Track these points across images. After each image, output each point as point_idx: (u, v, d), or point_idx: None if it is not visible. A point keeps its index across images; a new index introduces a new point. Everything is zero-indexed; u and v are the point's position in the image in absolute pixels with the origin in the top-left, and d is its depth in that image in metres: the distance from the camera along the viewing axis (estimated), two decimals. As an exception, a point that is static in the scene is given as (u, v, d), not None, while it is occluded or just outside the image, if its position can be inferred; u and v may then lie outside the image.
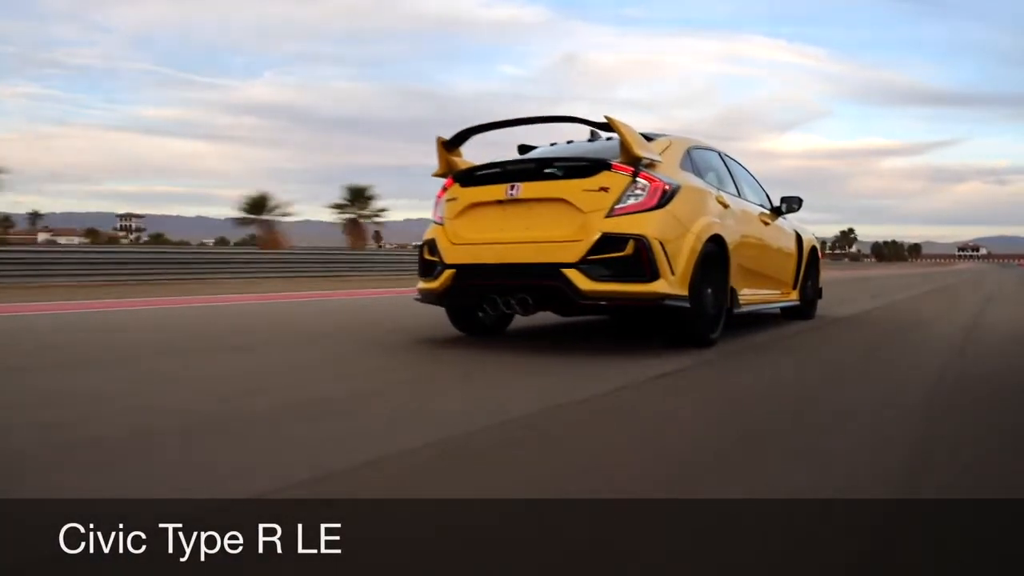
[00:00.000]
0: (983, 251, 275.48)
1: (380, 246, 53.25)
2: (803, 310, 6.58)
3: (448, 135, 4.77)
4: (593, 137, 5.18)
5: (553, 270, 4.02)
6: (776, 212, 6.12)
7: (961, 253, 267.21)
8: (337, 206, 36.67)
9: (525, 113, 5.19)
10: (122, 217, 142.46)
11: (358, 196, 37.58)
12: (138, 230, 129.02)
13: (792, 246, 6.32)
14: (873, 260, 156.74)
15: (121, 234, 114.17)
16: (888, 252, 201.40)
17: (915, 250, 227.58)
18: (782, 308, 6.26)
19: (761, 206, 5.92)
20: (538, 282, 4.09)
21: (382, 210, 38.39)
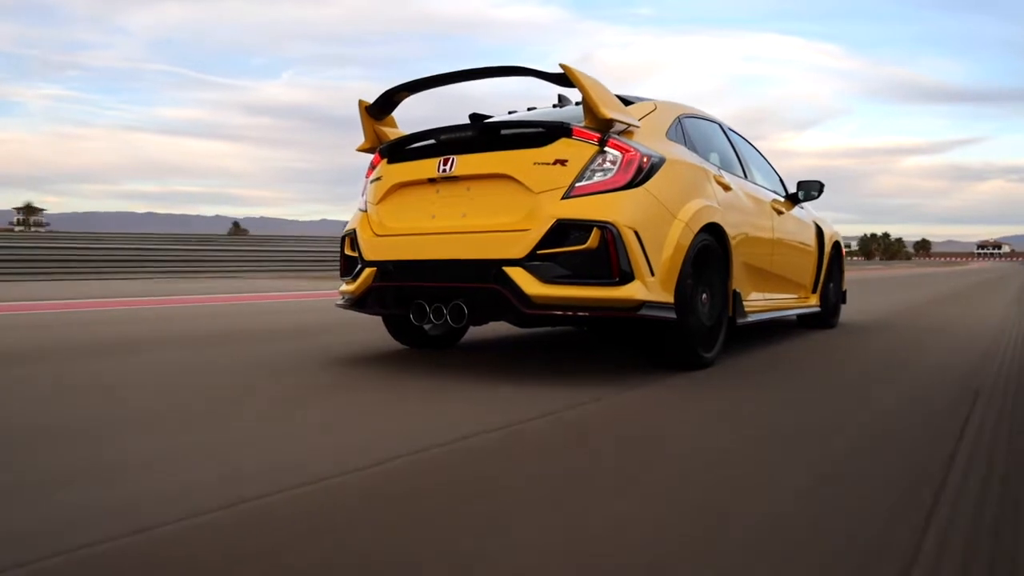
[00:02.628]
0: (1005, 248, 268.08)
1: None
2: (824, 317, 5.53)
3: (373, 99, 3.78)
4: (561, 103, 4.16)
5: (492, 269, 3.02)
6: (792, 200, 5.08)
7: (980, 251, 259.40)
8: None
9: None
10: (21, 210, 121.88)
11: None
12: (37, 224, 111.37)
13: (812, 240, 5.27)
14: (861, 260, 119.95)
15: (18, 228, 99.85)
16: (879, 248, 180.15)
17: (923, 247, 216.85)
18: (799, 315, 5.22)
19: (774, 192, 4.88)
20: (474, 285, 3.09)
21: None
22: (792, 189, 5.16)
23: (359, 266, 3.52)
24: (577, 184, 3.03)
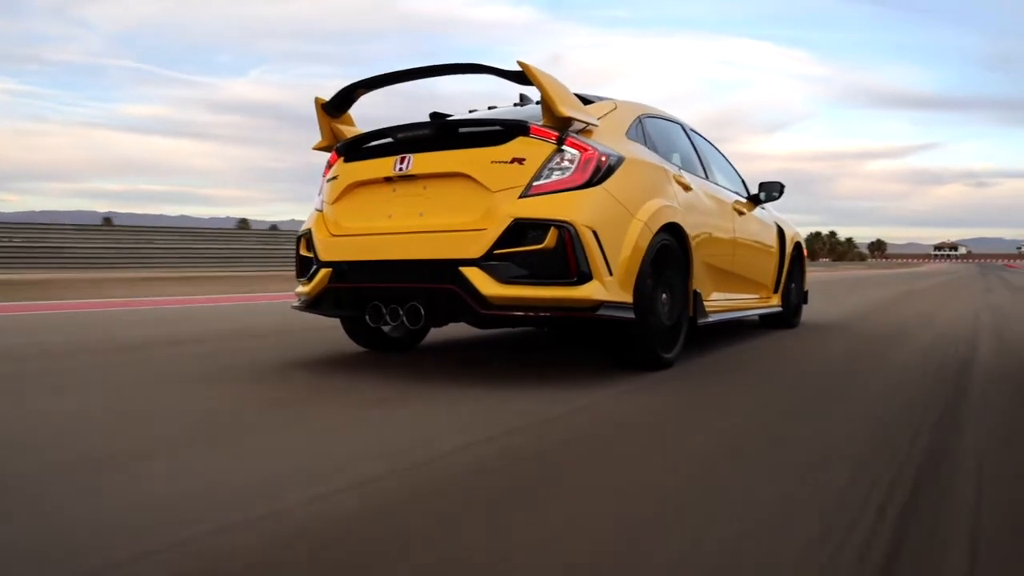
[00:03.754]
0: (962, 250, 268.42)
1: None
2: (785, 317, 5.56)
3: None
4: (522, 102, 4.12)
5: (448, 269, 2.97)
6: (754, 200, 5.10)
7: (938, 252, 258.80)
8: None
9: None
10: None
11: None
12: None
13: (773, 241, 5.30)
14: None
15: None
16: (824, 248, 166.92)
17: (878, 248, 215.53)
18: (760, 315, 5.24)
19: (735, 193, 4.90)
20: (430, 285, 3.04)
21: None
22: (754, 190, 5.18)
23: (314, 267, 3.45)
24: (535, 183, 2.99)
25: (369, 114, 4.20)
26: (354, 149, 3.52)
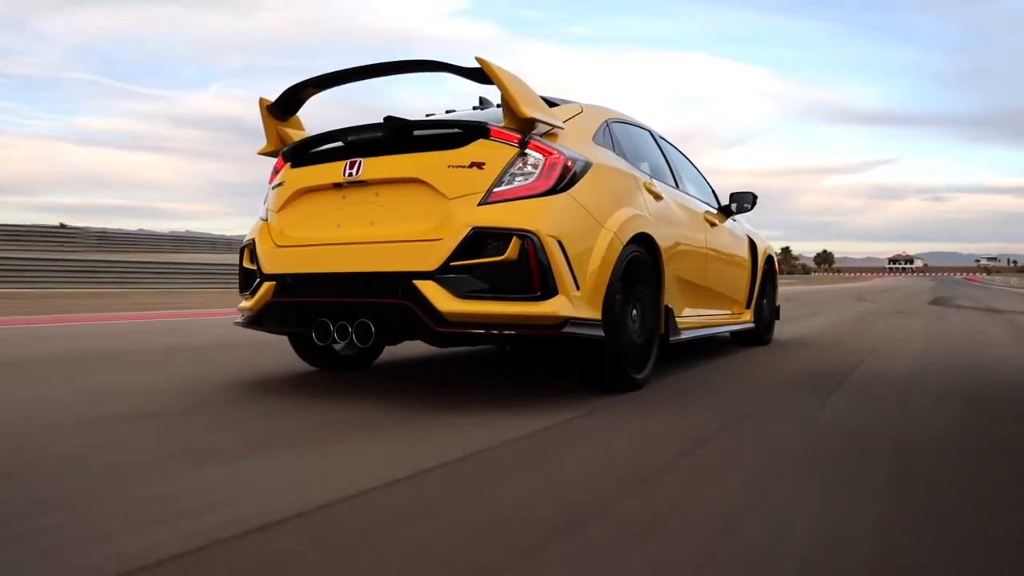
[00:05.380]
0: (919, 263, 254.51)
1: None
2: (758, 334, 5.38)
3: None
4: (482, 105, 3.88)
5: (401, 282, 2.70)
6: (725, 212, 4.92)
7: (892, 266, 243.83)
8: None
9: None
10: None
11: None
12: None
13: (745, 254, 5.12)
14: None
15: None
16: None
17: (825, 260, 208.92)
18: (732, 332, 5.05)
19: (706, 204, 4.71)
20: (381, 300, 2.77)
21: None
22: (725, 201, 5.00)
23: (257, 280, 3.16)
24: (495, 189, 2.75)
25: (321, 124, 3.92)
26: (301, 153, 3.26)
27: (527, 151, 2.81)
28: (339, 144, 3.13)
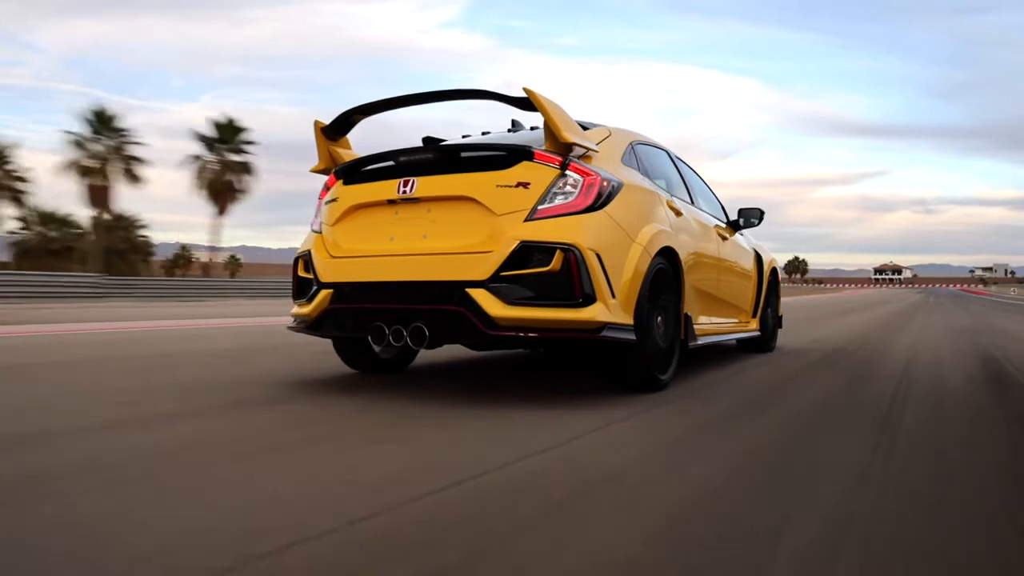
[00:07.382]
0: (907, 273, 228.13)
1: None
2: (763, 342, 5.70)
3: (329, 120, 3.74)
4: (515, 127, 4.20)
5: (455, 290, 3.00)
6: (733, 226, 5.25)
7: (879, 277, 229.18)
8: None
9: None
10: None
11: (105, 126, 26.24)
12: None
13: (752, 266, 5.45)
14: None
15: None
16: None
17: (796, 268, 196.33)
18: (738, 340, 5.35)
19: (716, 218, 5.03)
20: (436, 306, 3.06)
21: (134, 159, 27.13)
22: (734, 216, 5.32)
23: (314, 288, 3.44)
24: (540, 207, 3.05)
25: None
26: (354, 172, 3.55)
27: (567, 172, 3.12)
28: (391, 164, 3.42)
